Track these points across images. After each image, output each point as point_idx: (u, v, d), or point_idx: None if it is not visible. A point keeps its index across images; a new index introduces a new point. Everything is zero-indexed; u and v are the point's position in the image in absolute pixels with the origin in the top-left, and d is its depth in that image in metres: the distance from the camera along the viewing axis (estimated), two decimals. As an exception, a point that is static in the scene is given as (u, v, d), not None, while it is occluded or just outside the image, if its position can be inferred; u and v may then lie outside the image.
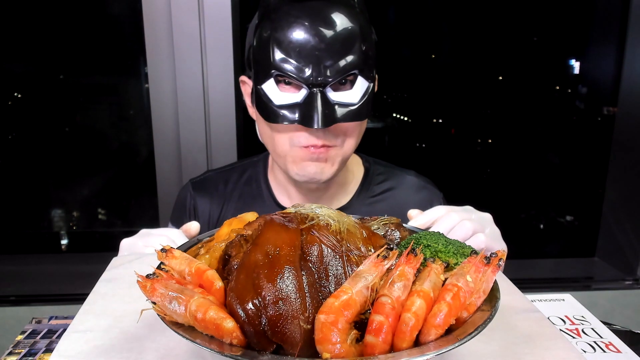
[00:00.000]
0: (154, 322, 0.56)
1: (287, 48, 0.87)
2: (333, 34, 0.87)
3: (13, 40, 1.69)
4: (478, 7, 1.86)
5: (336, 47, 0.87)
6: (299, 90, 0.89)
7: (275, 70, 0.89)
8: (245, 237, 0.54)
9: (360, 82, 0.91)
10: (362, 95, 0.91)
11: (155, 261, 0.54)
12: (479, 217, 0.83)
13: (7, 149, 1.78)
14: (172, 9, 1.45)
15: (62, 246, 1.91)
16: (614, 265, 1.82)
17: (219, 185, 1.13)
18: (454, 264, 0.53)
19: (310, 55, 0.87)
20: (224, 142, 1.54)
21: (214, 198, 1.12)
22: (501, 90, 1.95)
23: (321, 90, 0.87)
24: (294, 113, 0.89)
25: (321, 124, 0.86)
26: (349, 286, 0.45)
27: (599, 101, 1.86)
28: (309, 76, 0.87)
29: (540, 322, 0.60)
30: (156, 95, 1.53)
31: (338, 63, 0.87)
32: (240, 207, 1.09)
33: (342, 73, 0.88)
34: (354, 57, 0.89)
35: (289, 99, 0.90)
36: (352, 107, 0.90)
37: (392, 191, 1.11)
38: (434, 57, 1.93)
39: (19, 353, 0.85)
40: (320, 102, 0.87)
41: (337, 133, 0.93)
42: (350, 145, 0.96)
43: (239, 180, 1.13)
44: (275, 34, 0.88)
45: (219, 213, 1.11)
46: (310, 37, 0.87)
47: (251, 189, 1.11)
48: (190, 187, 1.14)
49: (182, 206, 1.14)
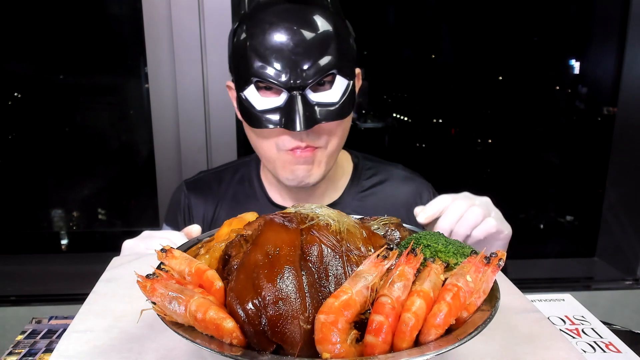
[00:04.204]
0: (154, 322, 0.56)
1: (264, 54, 0.89)
2: (308, 37, 0.89)
3: (13, 40, 1.69)
4: (478, 7, 1.86)
5: (312, 50, 0.89)
6: (280, 95, 0.91)
7: (254, 76, 0.90)
8: (245, 237, 0.54)
9: (339, 81, 0.92)
10: (342, 94, 0.93)
11: (155, 261, 0.54)
12: (481, 201, 0.85)
13: (7, 149, 1.78)
14: (172, 9, 1.45)
15: (62, 246, 1.91)
16: (614, 265, 1.82)
17: (213, 185, 1.14)
18: (454, 264, 0.53)
19: (288, 60, 0.88)
20: (224, 142, 1.54)
21: (208, 198, 1.13)
22: (501, 90, 1.95)
23: (301, 92, 0.89)
24: (276, 117, 0.91)
25: (303, 126, 0.88)
26: (349, 286, 0.45)
27: (599, 101, 1.86)
28: (287, 80, 0.88)
29: (540, 322, 0.60)
30: (156, 95, 1.53)
31: (315, 65, 0.89)
32: (234, 207, 1.10)
33: (320, 74, 0.89)
34: (330, 58, 0.90)
35: (270, 104, 0.91)
36: (333, 106, 0.92)
37: (381, 185, 1.12)
38: (434, 57, 1.93)
39: (19, 353, 0.85)
40: (301, 104, 0.88)
41: (321, 133, 0.94)
42: (334, 144, 0.98)
43: (232, 180, 1.14)
44: (252, 41, 0.90)
45: (213, 213, 1.12)
46: (285, 41, 0.88)
47: (244, 188, 1.12)
48: (184, 187, 1.15)
49: (176, 207, 1.15)
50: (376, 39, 1.88)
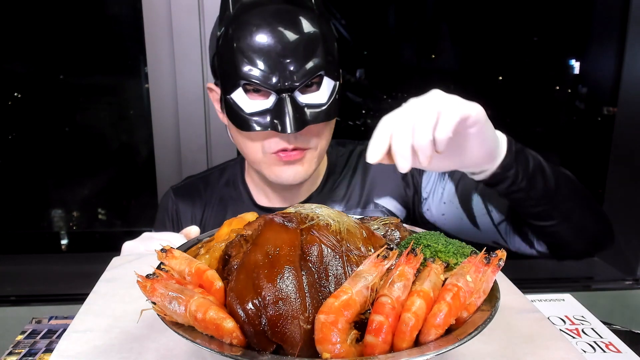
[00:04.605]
0: (154, 322, 0.56)
1: (252, 57, 0.88)
2: (296, 39, 0.89)
3: (13, 40, 1.69)
4: (478, 7, 1.86)
5: (300, 52, 0.89)
6: (268, 97, 0.91)
7: (243, 79, 0.90)
8: (245, 237, 0.54)
9: (326, 83, 0.93)
10: (329, 95, 0.93)
11: (155, 261, 0.54)
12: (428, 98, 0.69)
13: (7, 149, 1.78)
14: (172, 9, 1.45)
15: (62, 246, 1.91)
16: (614, 265, 1.82)
17: (200, 190, 1.14)
18: (454, 264, 0.53)
19: (276, 62, 0.88)
20: (224, 142, 1.54)
21: (195, 202, 1.13)
22: (501, 90, 1.95)
23: (290, 94, 0.89)
24: (265, 119, 0.91)
25: (293, 128, 0.88)
26: (349, 286, 0.45)
27: (599, 101, 1.86)
28: (276, 82, 0.88)
29: (540, 322, 0.60)
30: (156, 95, 1.53)
31: (303, 67, 0.89)
32: (222, 210, 1.10)
33: (308, 76, 0.90)
34: (318, 60, 0.90)
35: (259, 106, 0.91)
36: (321, 107, 0.92)
37: (351, 167, 1.12)
38: (434, 57, 1.93)
39: (19, 353, 0.85)
40: (290, 106, 0.89)
41: (309, 135, 0.95)
42: (323, 145, 0.99)
43: (218, 182, 1.14)
44: (239, 44, 0.89)
45: (201, 217, 1.12)
46: (274, 43, 0.88)
47: (230, 191, 1.12)
48: (171, 193, 1.16)
49: (164, 213, 1.15)
50: (376, 39, 1.88)
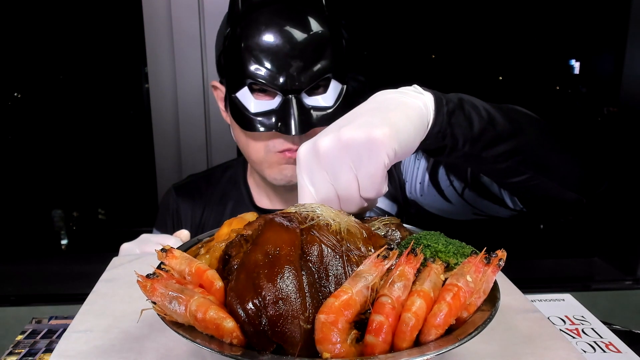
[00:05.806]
0: (154, 322, 0.56)
1: (259, 56, 0.87)
2: (304, 40, 0.87)
3: (13, 40, 1.69)
4: (479, 7, 1.86)
5: (308, 53, 0.87)
6: (274, 98, 0.89)
7: (249, 78, 0.88)
8: (245, 237, 0.54)
9: (333, 85, 0.91)
10: (336, 98, 0.92)
11: (155, 261, 0.54)
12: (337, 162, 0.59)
13: (7, 149, 1.78)
14: (172, 9, 1.45)
15: (62, 246, 1.91)
16: (614, 265, 1.82)
17: (201, 189, 1.13)
18: (454, 264, 0.53)
19: (283, 63, 0.86)
20: (224, 142, 1.54)
21: (196, 201, 1.12)
22: (502, 90, 1.95)
23: (296, 96, 0.88)
24: (270, 120, 0.89)
25: (299, 130, 0.87)
26: (349, 286, 0.45)
27: (600, 101, 1.86)
28: (283, 83, 0.87)
29: (540, 322, 0.60)
30: (156, 95, 1.53)
31: (311, 69, 0.87)
32: (222, 210, 1.10)
33: (315, 78, 0.88)
34: (326, 62, 0.89)
35: (264, 107, 0.90)
36: (327, 110, 0.91)
37: None
38: (434, 57, 1.93)
39: (19, 353, 0.85)
40: (296, 108, 0.87)
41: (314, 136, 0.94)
42: None
43: (221, 179, 1.13)
44: (247, 43, 0.88)
45: (201, 215, 1.12)
46: (281, 44, 0.86)
47: (231, 192, 1.11)
48: (173, 191, 1.15)
49: (165, 211, 1.15)
50: (376, 39, 1.88)
